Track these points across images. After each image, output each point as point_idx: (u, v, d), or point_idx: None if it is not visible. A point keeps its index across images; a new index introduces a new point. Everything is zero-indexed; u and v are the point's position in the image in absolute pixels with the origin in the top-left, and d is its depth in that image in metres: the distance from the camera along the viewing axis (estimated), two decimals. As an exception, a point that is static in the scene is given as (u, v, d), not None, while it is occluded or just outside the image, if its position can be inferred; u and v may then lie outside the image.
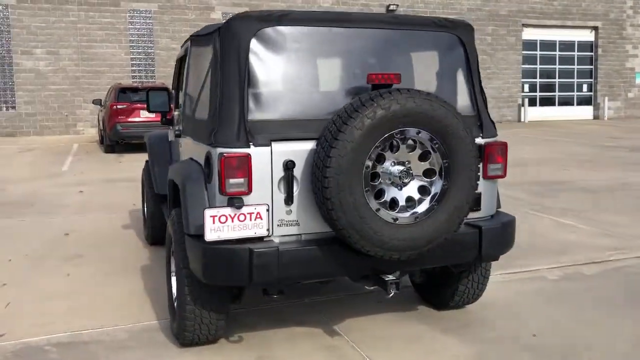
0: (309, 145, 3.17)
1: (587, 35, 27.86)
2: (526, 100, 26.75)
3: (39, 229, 6.83)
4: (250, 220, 3.13)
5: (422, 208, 3.18)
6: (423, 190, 3.21)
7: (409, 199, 3.18)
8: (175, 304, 3.68)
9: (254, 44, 3.21)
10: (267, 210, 3.15)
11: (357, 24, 3.41)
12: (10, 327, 4.04)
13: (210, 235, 3.07)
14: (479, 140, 3.57)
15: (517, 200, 8.32)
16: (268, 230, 3.17)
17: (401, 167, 3.11)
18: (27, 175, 11.17)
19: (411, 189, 3.17)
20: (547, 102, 27.97)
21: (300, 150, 3.18)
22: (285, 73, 3.27)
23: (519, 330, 3.92)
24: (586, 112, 28.01)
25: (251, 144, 3.14)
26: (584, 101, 28.13)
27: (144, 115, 14.25)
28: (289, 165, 3.15)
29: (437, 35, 3.57)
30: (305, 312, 4.22)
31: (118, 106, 14.63)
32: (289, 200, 3.19)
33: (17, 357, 3.63)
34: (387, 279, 3.30)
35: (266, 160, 3.15)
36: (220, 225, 3.08)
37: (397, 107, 2.98)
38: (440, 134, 3.10)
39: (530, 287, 4.78)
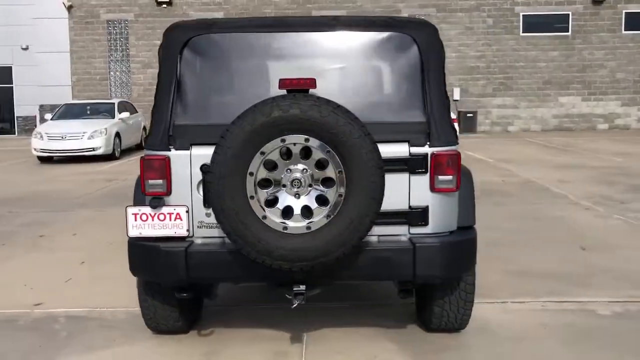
0: None
1: None
2: None
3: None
4: (170, 220, 3.30)
5: (316, 218, 3.03)
6: (323, 201, 3.05)
7: (307, 209, 3.05)
8: None
9: (186, 52, 3.35)
10: (187, 211, 3.28)
11: (290, 28, 3.34)
12: (52, 298, 4.74)
13: (132, 231, 3.31)
14: (426, 150, 3.26)
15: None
16: (188, 230, 3.30)
17: (294, 175, 3.01)
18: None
19: (309, 198, 3.04)
20: None
21: None
22: (213, 80, 3.36)
23: (492, 365, 3.47)
24: None
25: (172, 147, 3.30)
26: None
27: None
28: (204, 169, 3.24)
29: (383, 36, 3.33)
30: (291, 317, 4.19)
31: None
32: (206, 203, 3.28)
33: (34, 323, 4.28)
34: (295, 289, 3.20)
35: (186, 163, 3.28)
36: (142, 223, 3.31)
37: (278, 114, 2.89)
38: (331, 142, 2.93)
39: (564, 321, 4.13)
